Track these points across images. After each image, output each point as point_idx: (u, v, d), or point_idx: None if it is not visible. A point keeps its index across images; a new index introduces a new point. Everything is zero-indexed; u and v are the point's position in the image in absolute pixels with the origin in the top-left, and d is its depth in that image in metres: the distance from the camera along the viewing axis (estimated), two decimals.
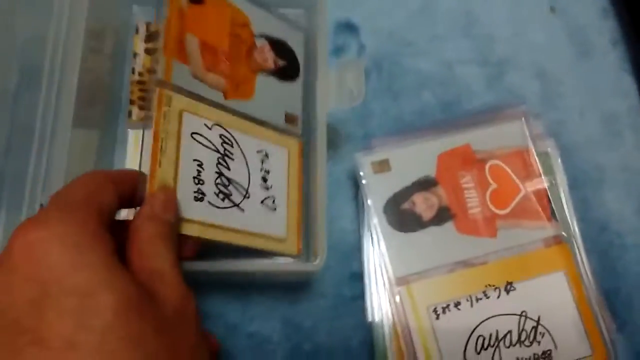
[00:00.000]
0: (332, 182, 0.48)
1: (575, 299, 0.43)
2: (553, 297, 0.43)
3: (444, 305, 0.41)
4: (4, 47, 0.40)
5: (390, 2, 0.54)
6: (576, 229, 0.46)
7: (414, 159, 0.45)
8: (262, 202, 0.42)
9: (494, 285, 0.42)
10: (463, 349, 0.40)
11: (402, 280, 0.42)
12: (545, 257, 0.44)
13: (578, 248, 0.45)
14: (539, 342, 0.41)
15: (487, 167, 0.45)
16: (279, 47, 0.47)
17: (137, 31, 0.47)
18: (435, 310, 0.41)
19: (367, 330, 0.44)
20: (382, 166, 0.45)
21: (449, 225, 0.43)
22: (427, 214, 0.43)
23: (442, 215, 0.43)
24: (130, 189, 0.33)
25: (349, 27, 0.53)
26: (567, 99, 0.52)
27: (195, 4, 0.43)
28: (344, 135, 0.50)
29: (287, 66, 0.47)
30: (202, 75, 0.42)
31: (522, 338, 0.41)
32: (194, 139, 0.39)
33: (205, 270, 0.42)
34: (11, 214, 0.37)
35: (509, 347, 0.41)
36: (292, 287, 0.45)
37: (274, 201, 0.42)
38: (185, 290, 0.30)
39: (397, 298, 0.41)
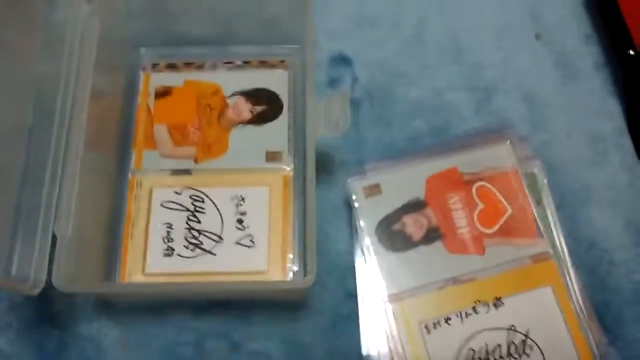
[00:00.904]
0: (327, 207, 0.50)
1: (563, 313, 0.44)
2: (541, 312, 0.44)
3: (435, 321, 0.43)
4: (23, 85, 0.43)
5: (381, 35, 0.57)
6: (563, 245, 0.47)
7: (404, 182, 0.48)
8: (237, 242, 0.47)
9: (483, 301, 0.44)
10: None
11: (394, 297, 0.44)
12: (532, 272, 0.45)
13: (566, 264, 0.47)
14: (528, 355, 0.42)
15: (474, 188, 0.47)
16: (256, 95, 0.52)
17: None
18: (426, 326, 0.43)
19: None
20: (373, 190, 0.47)
21: (438, 245, 0.45)
22: (417, 235, 0.45)
23: (432, 235, 0.46)
24: None
25: (342, 60, 0.56)
26: (554, 121, 0.54)
27: (162, 97, 0.51)
28: (339, 161, 0.52)
29: (267, 109, 0.52)
30: (171, 152, 0.50)
31: (512, 351, 0.42)
32: (164, 206, 0.48)
33: (202, 290, 0.45)
34: (25, 243, 0.40)
35: None
36: (292, 306, 0.48)
37: (252, 240, 0.47)
38: None
39: (390, 315, 0.43)
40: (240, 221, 0.48)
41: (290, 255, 0.47)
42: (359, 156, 0.53)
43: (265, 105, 0.52)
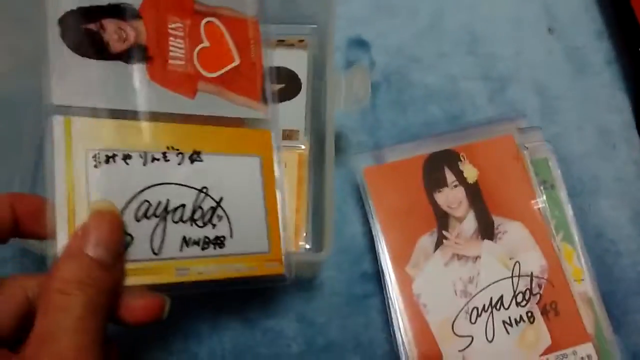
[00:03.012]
0: (343, 188, 0.51)
1: (264, 191, 0.39)
2: (242, 182, 0.38)
3: (110, 154, 0.33)
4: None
5: (399, 22, 0.58)
6: (575, 231, 0.48)
7: None
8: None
9: (177, 149, 0.36)
10: (120, 211, 0.33)
11: (62, 110, 0.33)
12: (244, 137, 0.39)
13: (577, 249, 0.48)
14: (214, 225, 0.36)
15: (203, 22, 0.40)
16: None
17: None
18: (96, 157, 0.32)
19: (376, 326, 0.47)
20: None
21: (141, 68, 0.36)
22: (117, 46, 0.35)
23: (136, 54, 0.36)
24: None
25: (360, 44, 0.56)
26: (565, 114, 0.55)
27: None
28: (355, 144, 0.53)
29: (285, 88, 0.51)
30: None
31: (196, 217, 0.35)
32: None
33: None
34: None
35: (177, 222, 0.35)
36: (307, 287, 0.48)
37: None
38: None
39: (51, 129, 0.32)
40: None
41: (304, 234, 0.47)
42: (374, 139, 0.53)
43: (284, 84, 0.52)
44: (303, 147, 0.50)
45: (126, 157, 0.33)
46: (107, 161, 0.33)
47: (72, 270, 0.27)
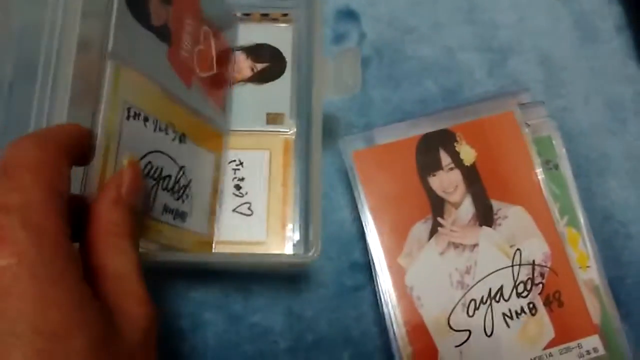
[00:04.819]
0: (330, 173, 0.47)
1: (213, 183, 0.45)
2: (201, 171, 0.43)
3: (137, 111, 0.36)
4: (0, 37, 0.39)
5: None
6: (580, 214, 0.45)
7: None
8: (235, 210, 0.45)
9: (175, 128, 0.40)
10: None
11: (117, 58, 0.35)
12: (208, 134, 0.44)
13: (583, 234, 0.45)
14: (183, 201, 0.40)
15: (203, 28, 0.44)
16: (257, 51, 0.49)
17: None
18: (129, 109, 0.35)
19: (367, 319, 0.44)
20: None
21: (164, 47, 0.39)
22: (155, 20, 0.38)
23: (164, 33, 0.39)
24: (82, 152, 0.30)
25: (349, 15, 0.52)
26: (571, 86, 0.51)
27: None
28: (344, 124, 0.49)
29: (268, 67, 0.49)
30: None
31: (175, 189, 0.40)
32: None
33: (205, 261, 0.42)
34: None
35: (164, 189, 0.39)
36: (293, 278, 0.45)
37: (250, 208, 0.45)
38: (151, 308, 0.28)
39: (108, 66, 0.34)
40: (238, 187, 0.45)
41: (291, 225, 0.45)
42: (366, 119, 0.49)
43: (267, 63, 0.48)
44: (289, 131, 0.47)
45: (145, 119, 0.37)
46: (134, 117, 0.36)
47: (122, 217, 0.29)
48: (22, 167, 0.26)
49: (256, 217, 0.45)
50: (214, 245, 0.44)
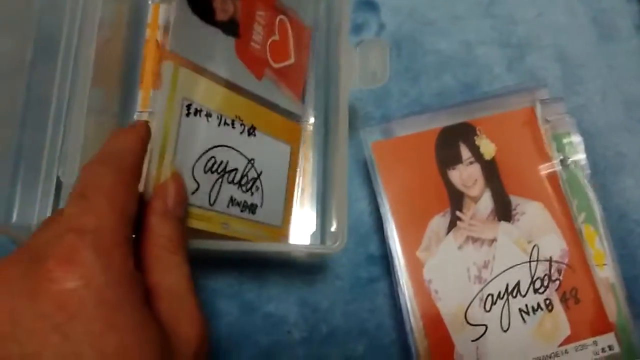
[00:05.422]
0: (349, 164, 0.47)
1: (289, 175, 0.44)
2: (275, 163, 0.43)
3: (198, 108, 0.37)
4: (21, 15, 0.38)
5: None
6: (597, 213, 0.45)
7: None
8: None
9: (242, 120, 0.40)
10: (195, 160, 0.37)
11: (174, 57, 0.36)
12: (283, 125, 0.44)
13: (600, 232, 0.44)
14: (252, 194, 0.41)
15: (278, 18, 0.44)
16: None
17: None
18: (188, 106, 0.36)
19: (383, 312, 0.44)
20: None
21: (231, 41, 0.40)
22: (220, 15, 0.39)
23: (231, 27, 0.40)
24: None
25: (368, 5, 0.52)
26: (588, 83, 0.51)
27: None
28: (362, 115, 0.49)
29: None
30: None
31: (243, 182, 0.40)
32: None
33: (222, 249, 0.42)
34: (27, 188, 0.36)
35: (230, 183, 0.39)
36: (309, 269, 0.45)
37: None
38: (203, 329, 0.29)
39: (164, 67, 0.36)
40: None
41: (307, 215, 0.44)
42: (382, 110, 0.49)
43: None
44: (308, 122, 0.46)
45: (208, 115, 0.37)
46: (195, 114, 0.36)
47: (172, 230, 0.30)
48: (99, 191, 0.27)
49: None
50: (289, 236, 0.43)
